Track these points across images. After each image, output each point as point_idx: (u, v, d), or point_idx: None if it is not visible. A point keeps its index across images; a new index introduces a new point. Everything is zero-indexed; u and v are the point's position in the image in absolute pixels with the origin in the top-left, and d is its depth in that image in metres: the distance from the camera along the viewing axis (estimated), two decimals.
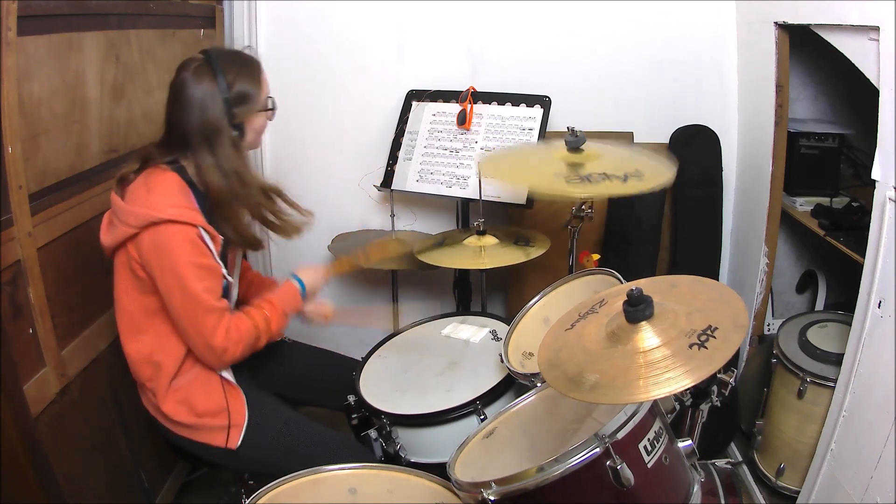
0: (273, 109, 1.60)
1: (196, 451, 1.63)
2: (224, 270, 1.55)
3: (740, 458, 2.31)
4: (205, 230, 1.48)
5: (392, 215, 2.42)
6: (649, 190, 1.56)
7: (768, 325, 2.60)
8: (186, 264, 1.44)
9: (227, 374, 1.61)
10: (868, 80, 1.59)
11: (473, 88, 2.39)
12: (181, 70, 1.50)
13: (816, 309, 2.64)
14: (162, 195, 1.45)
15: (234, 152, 1.51)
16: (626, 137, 2.49)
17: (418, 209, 2.65)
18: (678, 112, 2.53)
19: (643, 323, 1.13)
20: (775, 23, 2.08)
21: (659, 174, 1.61)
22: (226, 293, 1.61)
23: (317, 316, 1.81)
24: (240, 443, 1.59)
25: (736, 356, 1.34)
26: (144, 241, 1.44)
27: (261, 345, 1.61)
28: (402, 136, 2.48)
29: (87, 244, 1.64)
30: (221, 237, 1.54)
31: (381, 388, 1.78)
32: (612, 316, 1.20)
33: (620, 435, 1.11)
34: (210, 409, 1.58)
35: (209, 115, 1.47)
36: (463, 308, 2.45)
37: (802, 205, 2.30)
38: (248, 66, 1.54)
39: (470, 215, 2.41)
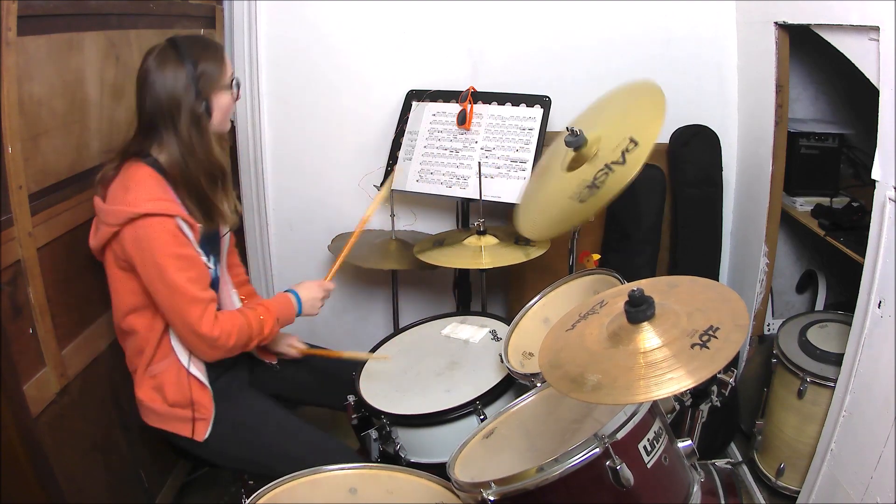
0: (237, 89, 1.61)
1: (172, 440, 1.67)
2: (205, 258, 1.57)
3: (740, 458, 2.31)
4: (183, 220, 1.50)
5: (392, 215, 2.42)
6: (649, 153, 1.50)
7: (768, 325, 2.60)
8: (166, 256, 1.46)
9: (195, 371, 1.62)
10: (868, 80, 1.59)
11: (473, 88, 2.39)
12: (146, 57, 1.53)
13: (816, 309, 2.64)
14: (139, 191, 1.47)
15: (195, 130, 1.52)
16: None
17: (418, 209, 2.65)
18: (678, 112, 2.52)
19: (644, 323, 1.13)
20: (775, 23, 2.08)
21: (650, 124, 1.55)
22: (214, 286, 1.64)
23: (288, 350, 1.89)
24: (207, 436, 1.62)
25: (736, 356, 1.34)
26: (126, 237, 1.47)
27: (252, 345, 1.63)
28: (402, 136, 2.48)
29: (87, 244, 1.64)
30: (200, 225, 1.56)
31: (381, 388, 1.78)
32: (613, 316, 1.20)
33: (620, 435, 1.11)
34: (178, 401, 1.61)
35: (174, 92, 1.49)
36: (463, 308, 2.45)
37: (802, 205, 2.30)
38: (209, 47, 1.58)
39: (470, 215, 2.41)
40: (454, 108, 2.40)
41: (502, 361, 1.69)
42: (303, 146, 2.66)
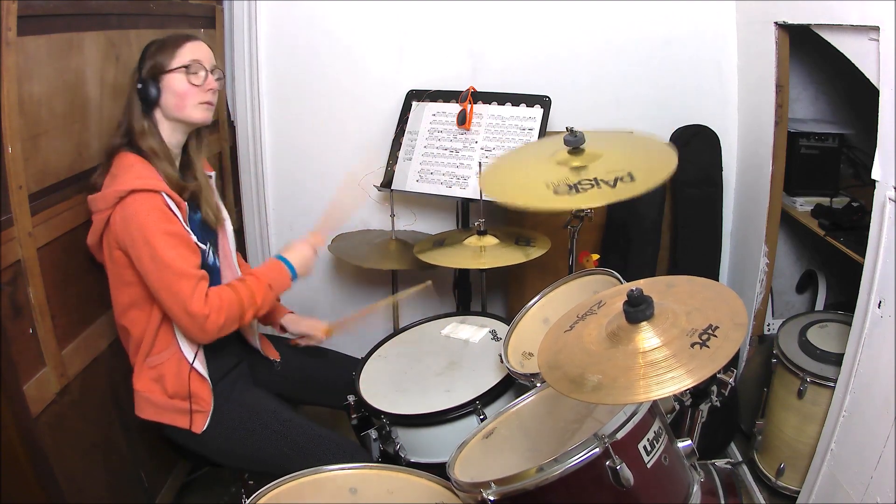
0: (188, 68, 1.58)
1: (170, 434, 1.67)
2: (195, 239, 1.57)
3: (740, 458, 2.31)
4: (168, 196, 1.51)
5: (392, 215, 2.42)
6: (639, 194, 1.50)
7: (768, 325, 2.60)
8: (155, 233, 1.47)
9: (197, 365, 1.62)
10: (868, 80, 1.59)
11: (473, 88, 2.39)
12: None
13: (816, 309, 2.64)
14: (125, 174, 1.51)
15: (142, 112, 1.58)
16: None
17: (418, 209, 2.65)
18: (678, 112, 2.53)
19: (643, 323, 1.13)
20: (775, 23, 2.08)
21: (653, 174, 1.56)
22: (206, 267, 1.64)
23: (313, 331, 1.90)
24: (205, 428, 1.62)
25: (736, 356, 1.33)
26: (116, 219, 1.49)
27: (247, 319, 1.61)
28: (402, 136, 2.48)
29: (87, 244, 1.64)
30: (185, 203, 1.58)
31: (381, 388, 1.78)
32: (612, 316, 1.20)
33: (620, 435, 1.11)
34: (178, 392, 1.61)
35: (130, 86, 1.59)
36: (463, 308, 2.45)
37: (802, 205, 2.30)
38: (165, 42, 1.60)
39: (470, 215, 2.41)
40: (454, 108, 2.40)
41: (502, 361, 1.69)
42: (303, 146, 2.67)
